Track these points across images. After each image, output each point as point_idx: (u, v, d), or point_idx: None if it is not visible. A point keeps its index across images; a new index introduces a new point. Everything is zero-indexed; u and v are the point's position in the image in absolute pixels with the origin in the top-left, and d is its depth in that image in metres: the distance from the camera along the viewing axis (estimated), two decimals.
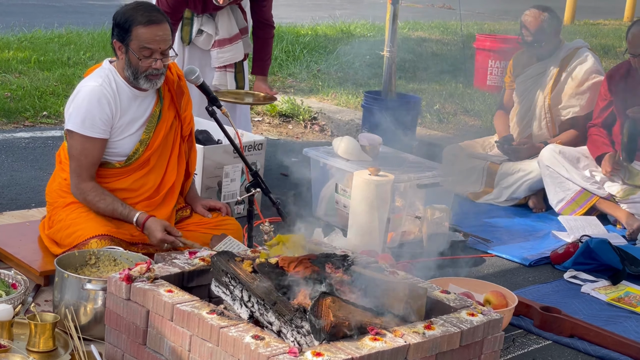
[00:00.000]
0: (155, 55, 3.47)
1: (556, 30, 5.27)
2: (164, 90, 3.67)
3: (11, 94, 6.60)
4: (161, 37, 3.47)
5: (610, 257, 4.13)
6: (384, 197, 4.04)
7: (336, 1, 15.60)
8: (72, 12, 11.44)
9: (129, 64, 3.50)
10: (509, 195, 5.20)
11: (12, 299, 3.05)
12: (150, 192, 3.66)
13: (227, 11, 4.99)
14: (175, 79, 3.71)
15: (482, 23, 12.51)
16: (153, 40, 3.45)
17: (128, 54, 3.48)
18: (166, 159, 3.69)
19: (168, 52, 3.52)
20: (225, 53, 5.02)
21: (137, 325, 2.75)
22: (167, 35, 3.50)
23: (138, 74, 3.50)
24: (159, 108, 3.64)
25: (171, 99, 3.70)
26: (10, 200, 4.54)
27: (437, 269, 4.10)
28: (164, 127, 3.64)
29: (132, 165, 3.61)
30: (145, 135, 3.60)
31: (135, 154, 3.60)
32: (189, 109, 3.78)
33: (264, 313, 2.63)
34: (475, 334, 2.70)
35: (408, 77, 8.37)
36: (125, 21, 3.47)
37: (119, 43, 3.51)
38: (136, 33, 3.44)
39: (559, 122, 5.35)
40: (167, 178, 3.70)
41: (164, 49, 3.49)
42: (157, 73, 3.51)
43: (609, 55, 10.11)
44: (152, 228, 3.47)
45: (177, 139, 3.72)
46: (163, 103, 3.66)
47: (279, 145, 6.26)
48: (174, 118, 3.69)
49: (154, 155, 3.64)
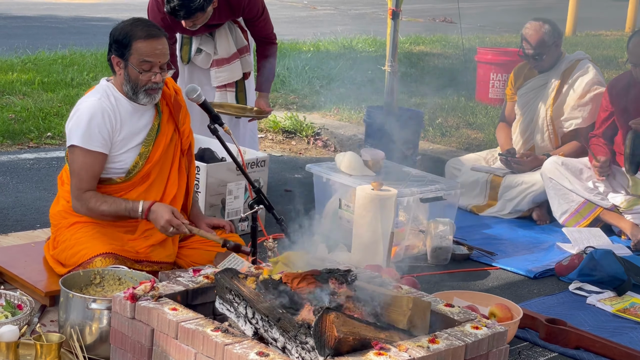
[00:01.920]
0: (155, 69, 3.51)
1: (557, 43, 5.29)
2: (162, 104, 3.70)
3: (15, 116, 6.63)
4: (160, 51, 3.51)
5: (615, 268, 4.13)
6: (388, 211, 4.05)
7: (338, 17, 15.67)
8: (75, 33, 11.50)
9: (128, 78, 3.53)
10: (513, 208, 5.20)
11: (18, 319, 3.06)
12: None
13: (225, 30, 5.02)
14: (172, 94, 3.74)
15: (484, 36, 12.55)
16: (153, 53, 3.49)
17: (127, 69, 3.52)
18: (167, 173, 3.71)
19: (166, 67, 3.56)
20: (222, 72, 5.05)
21: (142, 344, 2.76)
22: (166, 49, 3.55)
23: (137, 89, 3.54)
24: (157, 121, 3.67)
25: (169, 112, 3.73)
26: (16, 222, 4.56)
27: (441, 282, 4.11)
28: (163, 140, 3.67)
29: (132, 180, 3.63)
30: (144, 148, 3.62)
31: (135, 167, 3.62)
32: (187, 122, 3.80)
33: (268, 329, 2.63)
34: (480, 348, 2.70)
35: (410, 92, 8.38)
36: (124, 36, 3.51)
37: (117, 58, 3.54)
38: (136, 47, 3.48)
39: (562, 133, 5.36)
40: (168, 192, 3.71)
41: (163, 63, 3.53)
42: (156, 87, 3.56)
43: (611, 66, 10.12)
44: (158, 211, 3.47)
45: (177, 152, 3.75)
46: (162, 116, 3.69)
47: (282, 162, 6.28)
48: (173, 131, 3.72)
49: (154, 169, 3.66)
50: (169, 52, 3.59)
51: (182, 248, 3.76)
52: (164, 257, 3.62)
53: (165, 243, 3.65)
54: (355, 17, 16.02)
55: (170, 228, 3.49)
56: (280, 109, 7.60)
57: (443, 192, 4.56)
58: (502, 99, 6.58)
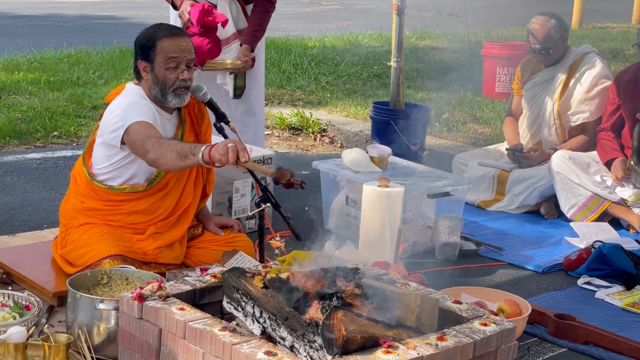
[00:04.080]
0: (182, 65, 3.52)
1: (564, 37, 5.27)
2: (185, 114, 3.71)
3: (22, 115, 6.64)
4: (185, 47, 3.53)
5: (623, 262, 4.11)
6: (395, 208, 4.04)
7: (343, 12, 15.65)
8: (80, 32, 11.52)
9: (156, 80, 3.53)
10: (520, 203, 5.18)
11: (26, 320, 3.06)
12: (165, 215, 3.67)
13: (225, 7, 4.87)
14: (195, 104, 3.75)
15: (490, 30, 12.51)
16: (178, 49, 3.51)
17: (154, 70, 3.52)
18: (183, 182, 3.71)
19: (192, 64, 3.57)
20: (223, 54, 4.95)
21: (150, 344, 2.76)
22: (191, 46, 3.57)
23: (166, 89, 3.53)
24: (180, 131, 3.67)
25: (191, 122, 3.73)
26: (23, 222, 4.56)
27: (449, 278, 4.10)
28: None
29: (151, 189, 3.63)
30: None
31: (158, 177, 3.62)
32: (209, 132, 3.81)
33: (276, 328, 2.63)
34: (489, 344, 2.69)
35: (416, 87, 8.37)
36: (148, 39, 3.54)
37: (143, 63, 3.54)
38: (161, 46, 3.50)
39: (569, 128, 5.34)
40: (183, 200, 3.71)
41: (189, 59, 3.54)
42: (184, 86, 3.54)
43: (618, 58, 10.08)
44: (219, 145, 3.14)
45: None
46: (184, 127, 3.69)
47: (288, 159, 6.27)
48: (193, 142, 3.70)
49: (172, 178, 3.66)
50: (193, 49, 3.59)
51: (189, 248, 3.76)
52: (172, 258, 3.62)
53: (173, 245, 3.66)
54: (361, 12, 16.00)
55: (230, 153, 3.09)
56: (286, 106, 7.60)
57: (450, 187, 4.55)
58: (509, 93, 6.56)
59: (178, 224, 3.70)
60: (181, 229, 3.70)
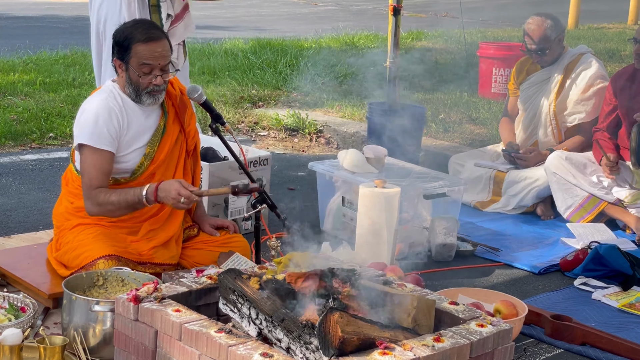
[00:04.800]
0: (155, 71, 3.50)
1: (560, 38, 5.27)
2: (167, 104, 3.69)
3: (17, 117, 6.62)
4: (160, 54, 3.49)
5: (620, 262, 4.11)
6: (391, 209, 4.03)
7: (339, 13, 15.64)
8: (76, 33, 11.49)
9: (130, 81, 3.52)
10: (517, 203, 5.18)
11: (21, 322, 3.05)
12: (156, 209, 3.66)
13: None
14: (178, 94, 3.73)
15: (486, 31, 12.52)
16: (152, 56, 3.48)
17: (128, 71, 3.51)
18: (171, 173, 3.70)
19: (168, 68, 3.54)
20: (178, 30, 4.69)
21: (145, 345, 2.75)
22: (166, 51, 3.53)
23: (139, 91, 3.53)
24: (163, 122, 3.66)
25: (175, 113, 3.71)
26: (19, 223, 4.55)
27: (445, 279, 4.10)
28: (168, 140, 3.65)
29: (137, 180, 3.61)
30: (149, 149, 3.61)
31: (140, 168, 3.61)
32: (192, 122, 3.79)
33: (272, 330, 2.62)
34: (486, 345, 2.69)
35: (412, 87, 8.36)
36: (124, 39, 3.50)
37: (119, 61, 3.53)
38: (135, 50, 3.47)
39: (565, 128, 5.33)
40: None
41: (163, 65, 3.51)
42: (158, 89, 3.54)
43: (614, 59, 10.09)
44: (166, 187, 3.38)
45: (182, 153, 3.74)
46: (167, 117, 3.67)
47: (285, 160, 6.27)
48: (179, 132, 3.71)
49: (159, 169, 3.65)
50: (170, 53, 3.56)
51: (185, 249, 3.75)
52: (168, 258, 3.61)
53: (168, 244, 3.64)
54: (357, 13, 16.00)
55: (182, 199, 3.35)
56: (282, 107, 7.59)
57: (446, 188, 4.55)
58: (505, 93, 6.56)
59: (170, 220, 3.68)
60: (174, 225, 3.68)
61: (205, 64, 8.97)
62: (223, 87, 8.06)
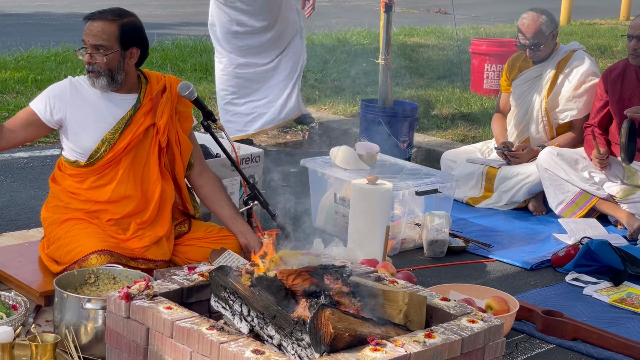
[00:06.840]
0: (89, 50, 3.59)
1: (554, 33, 5.27)
2: (145, 97, 3.69)
3: (9, 114, 6.60)
4: (91, 32, 3.58)
5: (611, 258, 4.12)
6: (383, 205, 4.04)
7: (332, 9, 15.62)
8: (68, 30, 11.46)
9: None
10: (509, 199, 5.19)
11: (13, 320, 3.05)
12: (134, 206, 3.64)
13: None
14: (159, 89, 3.72)
15: (478, 27, 12.53)
16: (85, 32, 3.60)
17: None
18: (141, 167, 3.68)
19: (102, 50, 3.55)
20: None
21: (137, 343, 2.75)
22: (100, 32, 3.56)
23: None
24: (131, 112, 3.66)
25: (150, 108, 3.70)
26: (10, 221, 4.54)
27: (437, 275, 4.10)
28: (132, 131, 3.64)
29: (96, 165, 3.62)
30: (110, 135, 3.62)
31: (97, 152, 3.62)
32: (164, 118, 3.70)
33: (263, 327, 2.62)
34: (477, 341, 2.69)
35: (405, 84, 8.37)
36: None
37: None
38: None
39: (557, 125, 5.35)
40: (151, 190, 3.68)
41: (93, 43, 3.56)
42: (92, 70, 3.61)
43: (605, 55, 10.11)
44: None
45: (153, 148, 3.70)
46: (138, 109, 3.66)
47: (277, 156, 6.26)
48: (150, 126, 3.69)
49: (124, 159, 3.64)
50: (107, 37, 3.56)
51: (177, 245, 3.74)
52: (160, 255, 3.60)
53: (160, 242, 3.64)
54: (350, 9, 15.99)
55: None
56: None
57: (438, 184, 4.55)
58: (497, 89, 6.57)
59: (158, 219, 3.67)
60: (163, 224, 3.67)
61: (197, 60, 8.96)
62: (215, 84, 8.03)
